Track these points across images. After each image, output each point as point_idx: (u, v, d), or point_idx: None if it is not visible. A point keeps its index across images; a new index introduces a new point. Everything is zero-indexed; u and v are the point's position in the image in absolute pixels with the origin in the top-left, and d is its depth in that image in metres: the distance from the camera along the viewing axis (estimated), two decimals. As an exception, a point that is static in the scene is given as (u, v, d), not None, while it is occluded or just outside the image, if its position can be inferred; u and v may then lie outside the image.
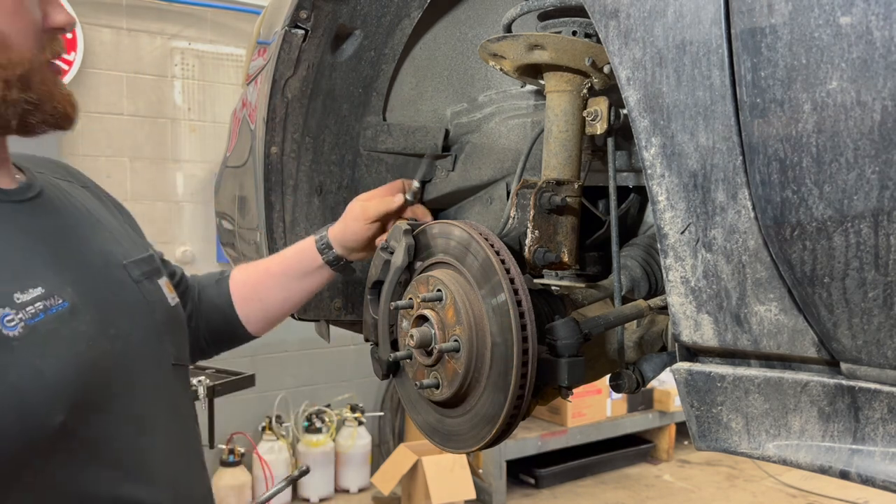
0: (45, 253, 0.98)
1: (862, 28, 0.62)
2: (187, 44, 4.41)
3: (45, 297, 0.92)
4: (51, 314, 0.92)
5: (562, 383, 1.02)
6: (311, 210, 1.53)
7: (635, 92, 0.82)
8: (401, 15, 1.46)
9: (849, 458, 0.74)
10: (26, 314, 0.89)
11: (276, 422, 4.46)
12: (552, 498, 4.65)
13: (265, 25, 1.64)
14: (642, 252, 1.36)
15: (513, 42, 1.16)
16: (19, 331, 0.88)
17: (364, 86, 1.52)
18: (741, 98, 0.72)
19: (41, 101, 0.96)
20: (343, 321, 1.64)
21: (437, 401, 1.11)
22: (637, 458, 5.25)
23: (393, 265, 1.18)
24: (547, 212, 1.15)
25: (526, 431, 4.61)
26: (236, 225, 1.83)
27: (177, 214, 4.33)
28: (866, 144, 0.64)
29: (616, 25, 0.84)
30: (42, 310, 0.91)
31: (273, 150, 1.46)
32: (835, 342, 0.74)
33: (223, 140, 2.19)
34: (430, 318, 1.08)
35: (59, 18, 0.98)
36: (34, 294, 0.91)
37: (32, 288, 0.91)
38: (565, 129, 1.18)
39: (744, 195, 0.75)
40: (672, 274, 0.84)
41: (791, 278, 0.74)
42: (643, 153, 0.83)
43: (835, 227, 0.68)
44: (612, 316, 1.13)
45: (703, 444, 0.87)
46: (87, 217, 1.13)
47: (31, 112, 0.96)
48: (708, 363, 0.87)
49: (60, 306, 0.93)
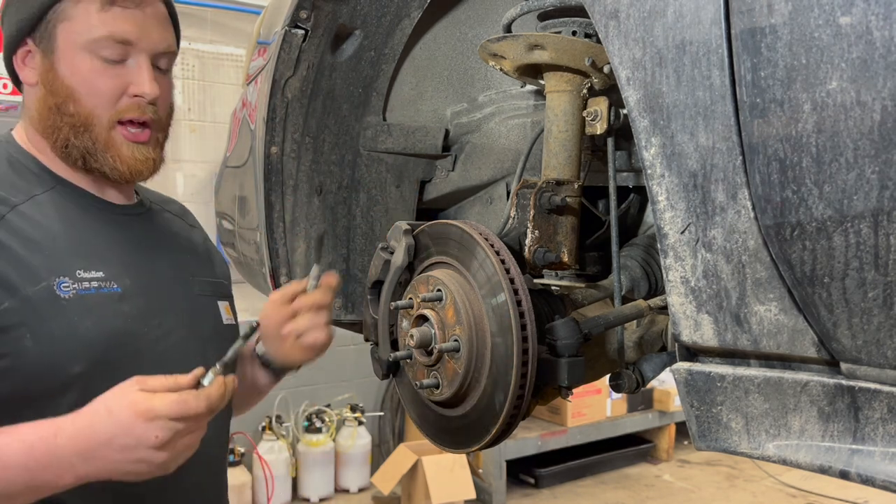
0: (122, 251, 1.20)
1: (862, 28, 0.62)
2: (187, 44, 4.41)
3: (103, 280, 1.13)
4: (102, 292, 1.12)
5: (562, 383, 1.02)
6: (311, 210, 1.53)
7: (635, 92, 0.82)
8: (401, 15, 1.46)
9: (849, 458, 0.75)
10: (80, 286, 1.10)
11: (276, 422, 4.46)
12: (552, 498, 4.65)
13: (265, 25, 1.64)
14: (642, 252, 1.36)
15: (513, 42, 1.16)
16: (70, 295, 1.08)
17: (364, 86, 1.52)
18: (741, 98, 0.72)
19: (97, 151, 1.16)
20: (343, 321, 1.64)
21: (437, 401, 1.11)
22: (637, 458, 5.25)
23: (393, 265, 1.18)
24: (547, 212, 1.15)
25: (526, 431, 4.61)
26: (236, 225, 1.83)
27: (177, 214, 4.33)
28: (866, 144, 0.64)
29: (616, 25, 0.84)
30: (96, 287, 1.12)
31: (273, 150, 1.46)
32: (835, 342, 0.74)
33: (223, 140, 2.19)
34: (430, 317, 1.08)
35: (139, 89, 1.17)
36: (94, 275, 1.12)
37: (95, 270, 1.13)
38: (565, 129, 1.18)
39: (744, 195, 0.75)
40: (672, 274, 0.84)
41: (791, 278, 0.74)
42: (643, 153, 0.83)
43: (835, 227, 0.68)
44: (612, 316, 1.13)
45: (703, 443, 0.87)
46: (177, 239, 1.34)
47: (90, 157, 1.17)
48: (708, 363, 0.87)
49: (113, 289, 1.14)
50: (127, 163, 1.18)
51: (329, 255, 1.58)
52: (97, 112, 1.15)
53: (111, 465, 0.95)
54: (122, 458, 0.94)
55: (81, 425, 0.94)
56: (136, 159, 1.19)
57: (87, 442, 0.93)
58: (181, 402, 0.94)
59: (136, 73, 1.17)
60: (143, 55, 1.18)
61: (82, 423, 0.94)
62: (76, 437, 0.94)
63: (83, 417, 0.95)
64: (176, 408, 0.94)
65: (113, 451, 0.93)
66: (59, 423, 0.95)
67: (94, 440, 0.93)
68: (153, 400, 0.93)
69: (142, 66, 1.17)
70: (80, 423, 0.94)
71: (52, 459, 0.93)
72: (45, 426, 0.95)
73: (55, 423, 0.95)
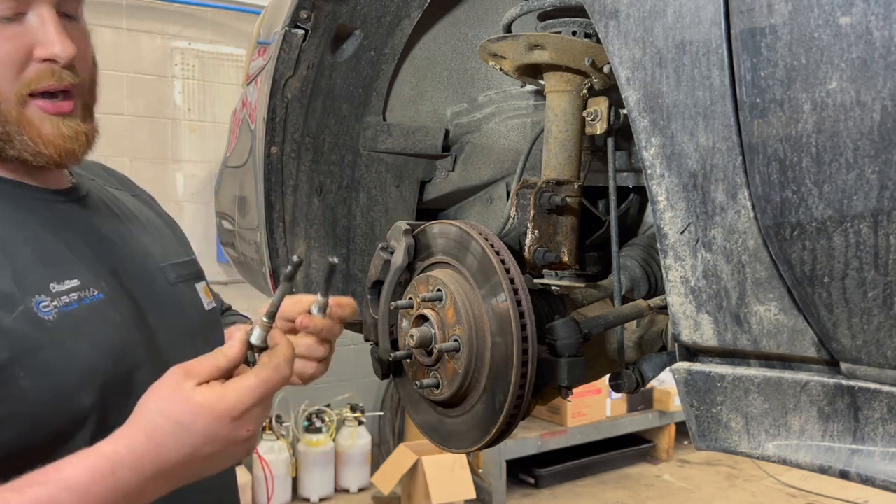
0: (84, 248, 1.02)
1: (862, 28, 0.62)
2: (187, 44, 4.41)
3: (80, 289, 0.96)
4: (85, 304, 0.96)
5: (562, 383, 1.02)
6: (311, 210, 1.53)
7: (635, 92, 0.82)
8: (401, 15, 1.46)
9: (848, 458, 0.75)
10: (60, 302, 0.93)
11: (276, 421, 4.46)
12: (552, 498, 4.65)
13: (265, 25, 1.64)
14: (642, 252, 1.36)
15: (513, 42, 1.16)
16: (54, 316, 0.92)
17: (364, 86, 1.52)
18: (741, 98, 0.72)
19: (12, 135, 0.95)
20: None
21: (437, 401, 1.11)
22: (637, 458, 5.24)
23: (393, 265, 1.18)
24: (547, 212, 1.15)
25: (526, 431, 4.61)
26: (236, 225, 1.83)
27: (177, 214, 4.31)
28: (866, 144, 0.64)
29: (616, 25, 0.84)
30: (76, 300, 0.95)
31: (273, 150, 1.46)
32: (834, 342, 0.74)
33: (223, 140, 2.19)
34: (430, 317, 1.08)
35: (48, 51, 0.93)
36: (70, 285, 0.95)
37: (69, 279, 0.96)
38: (565, 129, 1.18)
39: (743, 195, 0.75)
40: (672, 274, 0.84)
41: (791, 278, 0.74)
42: (643, 153, 0.83)
43: (834, 227, 0.68)
44: (612, 316, 1.13)
45: (703, 443, 0.87)
46: (130, 220, 1.17)
47: (5, 143, 0.95)
48: (708, 363, 0.87)
49: (95, 297, 0.98)
50: (52, 143, 0.97)
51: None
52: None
53: (198, 474, 0.82)
54: (210, 465, 0.81)
55: (142, 449, 0.78)
56: (62, 136, 0.97)
57: (160, 464, 0.78)
58: (264, 383, 0.81)
59: (40, 30, 0.93)
60: (45, 4, 0.93)
61: (142, 446, 0.78)
62: (142, 465, 0.78)
63: (138, 439, 0.78)
64: (259, 392, 0.80)
65: (198, 461, 0.80)
66: (106, 454, 0.78)
67: (170, 459, 0.79)
68: (227, 397, 0.79)
69: (46, 20, 0.93)
70: (138, 448, 0.78)
71: (118, 497, 0.77)
72: (90, 464, 0.77)
73: (101, 456, 0.78)
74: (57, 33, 0.93)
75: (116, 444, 0.79)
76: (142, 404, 0.81)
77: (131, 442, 0.78)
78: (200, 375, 0.80)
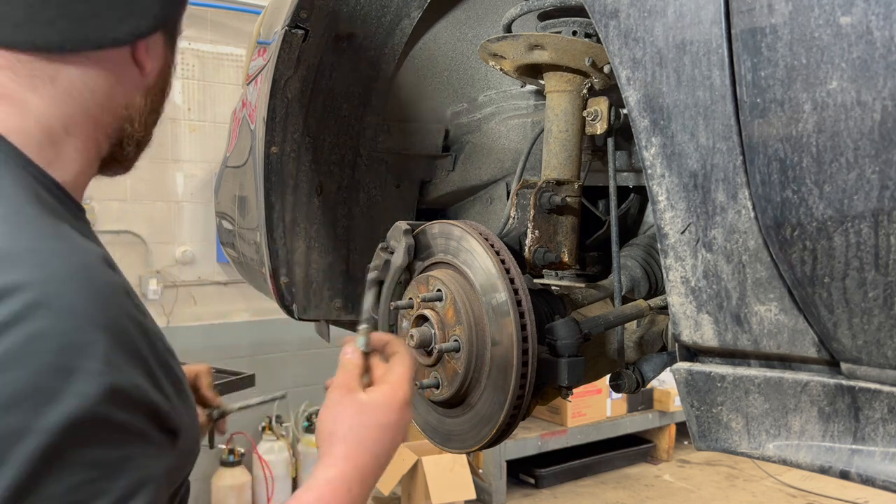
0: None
1: (862, 28, 0.62)
2: (187, 44, 4.41)
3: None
4: None
5: (562, 383, 1.02)
6: (311, 210, 1.53)
7: (635, 92, 0.82)
8: (401, 15, 1.46)
9: (849, 458, 0.74)
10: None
11: (276, 422, 4.46)
12: (552, 498, 4.65)
13: (265, 25, 1.64)
14: (642, 252, 1.36)
15: (513, 42, 1.16)
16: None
17: (364, 86, 1.52)
18: (741, 98, 0.72)
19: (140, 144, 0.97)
20: (343, 321, 1.64)
21: (437, 401, 1.11)
22: (637, 458, 5.24)
23: (393, 265, 1.18)
24: (547, 212, 1.15)
25: (526, 431, 4.60)
26: (236, 225, 1.83)
27: (177, 214, 4.33)
28: (866, 144, 0.64)
29: (616, 25, 0.84)
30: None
31: (273, 150, 1.46)
32: (835, 342, 0.74)
33: (223, 140, 2.19)
34: (430, 317, 1.08)
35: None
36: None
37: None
38: (565, 129, 1.18)
39: (744, 195, 0.75)
40: (672, 274, 0.84)
41: (791, 278, 0.74)
42: (643, 153, 0.83)
43: (835, 227, 0.68)
44: (612, 316, 1.13)
45: (703, 443, 0.87)
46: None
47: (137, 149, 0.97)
48: (708, 363, 0.87)
49: None
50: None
51: (329, 256, 1.58)
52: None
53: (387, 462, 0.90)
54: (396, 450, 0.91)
55: (361, 462, 0.83)
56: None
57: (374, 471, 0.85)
58: (409, 368, 0.89)
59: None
60: None
61: (361, 459, 0.83)
62: (365, 478, 0.84)
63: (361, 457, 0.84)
64: (409, 375, 0.89)
65: (395, 451, 0.89)
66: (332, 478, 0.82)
67: (381, 464, 0.86)
68: (397, 388, 0.87)
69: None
70: (359, 463, 0.83)
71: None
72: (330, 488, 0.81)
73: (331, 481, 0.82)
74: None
75: (343, 467, 0.83)
76: (332, 434, 0.85)
77: (355, 460, 0.84)
78: (358, 385, 0.89)
